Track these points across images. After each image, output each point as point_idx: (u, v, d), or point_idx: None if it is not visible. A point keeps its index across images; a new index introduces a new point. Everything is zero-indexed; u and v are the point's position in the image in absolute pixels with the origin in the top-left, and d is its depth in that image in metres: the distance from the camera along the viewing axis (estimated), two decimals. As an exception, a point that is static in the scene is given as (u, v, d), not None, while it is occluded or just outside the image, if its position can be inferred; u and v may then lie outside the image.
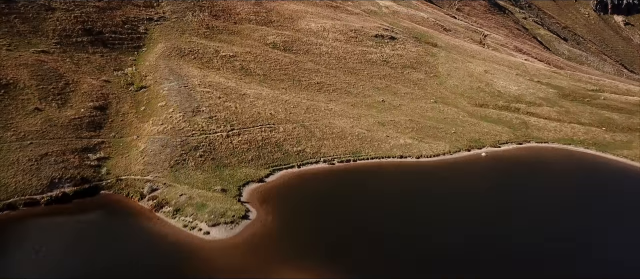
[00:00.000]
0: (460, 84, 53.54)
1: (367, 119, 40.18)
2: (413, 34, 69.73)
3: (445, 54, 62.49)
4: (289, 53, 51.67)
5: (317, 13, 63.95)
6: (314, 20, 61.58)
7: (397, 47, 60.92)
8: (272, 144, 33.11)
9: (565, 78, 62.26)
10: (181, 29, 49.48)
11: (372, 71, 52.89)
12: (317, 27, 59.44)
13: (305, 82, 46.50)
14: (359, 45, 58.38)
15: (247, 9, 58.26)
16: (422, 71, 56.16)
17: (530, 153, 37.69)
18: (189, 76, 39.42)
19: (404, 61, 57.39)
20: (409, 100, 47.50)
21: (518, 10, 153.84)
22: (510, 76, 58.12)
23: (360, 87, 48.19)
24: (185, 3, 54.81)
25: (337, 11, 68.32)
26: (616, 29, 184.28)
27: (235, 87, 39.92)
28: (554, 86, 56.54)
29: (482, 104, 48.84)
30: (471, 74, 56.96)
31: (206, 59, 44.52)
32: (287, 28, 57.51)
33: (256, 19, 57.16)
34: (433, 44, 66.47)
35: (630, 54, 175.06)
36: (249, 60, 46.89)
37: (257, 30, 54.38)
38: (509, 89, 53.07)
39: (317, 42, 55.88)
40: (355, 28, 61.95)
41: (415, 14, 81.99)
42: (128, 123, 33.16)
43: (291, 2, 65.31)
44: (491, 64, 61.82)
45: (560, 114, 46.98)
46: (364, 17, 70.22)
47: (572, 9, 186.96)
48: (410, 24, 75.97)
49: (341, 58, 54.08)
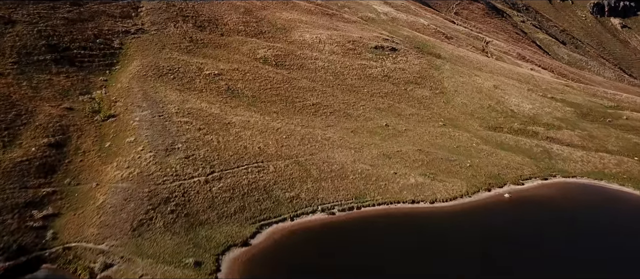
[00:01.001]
0: (470, 102, 48.04)
1: (371, 150, 34.54)
2: (414, 43, 64.18)
3: (451, 67, 56.99)
4: (281, 69, 46.00)
5: (312, 22, 58.29)
6: (309, 30, 55.91)
7: (399, 60, 55.37)
8: (260, 189, 27.36)
9: (579, 93, 56.94)
10: (161, 43, 43.65)
11: (373, 88, 47.31)
12: (312, 38, 53.77)
13: (300, 104, 40.84)
14: (358, 58, 52.78)
15: (236, 18, 52.48)
16: (427, 86, 50.64)
17: (560, 193, 32.09)
18: (166, 102, 33.64)
19: (406, 76, 51.84)
20: (415, 123, 41.93)
21: (516, 14, 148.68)
22: (522, 91, 52.72)
23: (360, 108, 42.58)
24: (167, 13, 48.96)
25: (333, 20, 62.68)
26: (613, 32, 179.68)
27: (219, 114, 34.15)
28: (569, 103, 51.19)
29: (495, 126, 43.34)
30: (480, 89, 51.50)
31: (187, 79, 38.72)
32: (279, 40, 51.81)
33: (245, 30, 51.42)
34: (436, 55, 60.97)
35: (628, 58, 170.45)
36: (237, 79, 41.15)
37: (247, 43, 48.64)
38: (522, 108, 47.62)
39: (313, 56, 50.25)
40: (353, 39, 56.34)
41: (415, 21, 76.49)
42: (88, 165, 27.31)
43: (284, 11, 59.60)
44: (500, 78, 56.41)
45: (584, 139, 41.53)
46: (361, 25, 64.64)
47: (568, 12, 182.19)
48: (411, 32, 70.41)
49: (339, 74, 48.45)
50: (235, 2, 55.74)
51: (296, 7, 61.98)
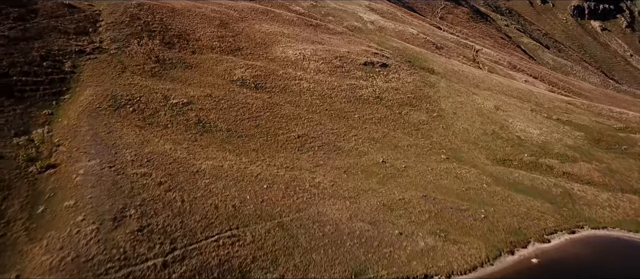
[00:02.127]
0: (471, 128, 42.40)
1: (369, 200, 28.54)
2: (405, 56, 58.40)
3: (446, 84, 51.33)
4: (261, 92, 39.75)
5: (295, 35, 52.05)
6: (292, 45, 49.68)
7: (391, 78, 49.52)
8: (234, 270, 21.04)
9: (583, 112, 51.78)
10: (121, 65, 37.01)
11: (365, 113, 41.38)
12: (295, 54, 47.55)
13: (283, 136, 34.67)
14: (347, 77, 46.77)
15: (210, 33, 45.96)
16: (423, 108, 44.87)
17: (594, 253, 26.52)
18: (121, 146, 27.17)
19: (400, 97, 46.00)
20: (415, 156, 36.06)
21: (500, 18, 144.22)
22: (525, 112, 47.33)
23: (352, 140, 36.59)
24: (131, 28, 42.22)
25: (317, 31, 56.53)
26: (594, 35, 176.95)
27: (185, 159, 27.80)
28: (577, 126, 45.96)
29: (504, 158, 37.73)
30: (481, 111, 45.93)
31: (150, 111, 32.23)
32: (259, 57, 45.50)
33: (221, 46, 44.96)
34: (429, 70, 55.28)
35: (609, 61, 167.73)
36: (209, 108, 34.79)
37: (222, 62, 42.23)
38: (530, 134, 42.16)
39: (296, 76, 44.09)
40: (340, 54, 50.28)
41: (404, 30, 70.78)
42: (11, 243, 20.68)
43: (263, 22, 53.22)
44: (499, 96, 50.97)
45: (604, 174, 36.18)
46: (348, 37, 58.61)
47: (550, 15, 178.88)
48: (400, 43, 64.66)
49: (326, 96, 42.39)
50: (210, 13, 49.15)
51: (277, 17, 55.62)
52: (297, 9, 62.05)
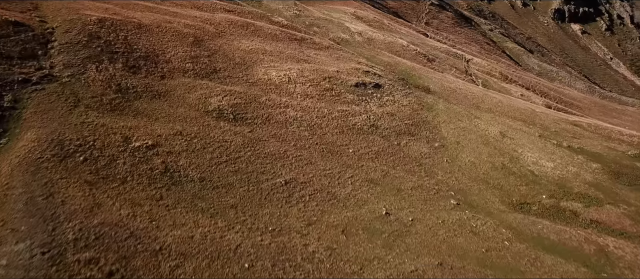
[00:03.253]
0: (478, 161, 37.12)
1: (375, 273, 22.94)
2: (398, 73, 52.92)
3: (444, 106, 46.02)
4: (241, 125, 33.83)
5: (278, 52, 46.13)
6: (275, 64, 43.76)
7: (385, 100, 43.98)
8: None
9: (592, 135, 46.99)
10: (75, 98, 30.72)
11: (360, 146, 35.78)
12: (279, 76, 41.68)
13: (267, 184, 28.84)
14: (337, 101, 41.09)
15: (182, 53, 39.79)
16: (423, 137, 39.47)
17: None
18: (62, 217, 21.07)
19: (397, 124, 40.52)
20: (422, 203, 30.54)
21: (483, 22, 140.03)
22: (533, 139, 42.26)
23: (348, 183, 30.93)
24: (89, 49, 35.76)
25: (302, 46, 50.66)
26: (574, 38, 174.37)
27: (146, 230, 21.80)
28: (590, 155, 41.10)
29: (521, 201, 32.47)
30: (486, 139, 40.72)
31: (105, 159, 26.11)
32: (238, 80, 39.51)
33: (194, 68, 38.84)
34: (425, 89, 49.91)
35: (590, 64, 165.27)
36: (179, 151, 28.77)
37: (196, 88, 36.16)
38: (544, 168, 37.06)
39: (281, 102, 38.24)
40: (329, 74, 44.55)
41: (394, 42, 65.38)
42: None
43: (243, 38, 47.14)
44: (503, 120, 45.85)
45: (636, 221, 31.19)
46: (336, 52, 52.89)
47: (531, 18, 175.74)
48: (391, 57, 59.18)
49: (316, 127, 36.67)
50: (182, 29, 42.86)
51: (258, 31, 49.54)
52: (279, 20, 56.06)
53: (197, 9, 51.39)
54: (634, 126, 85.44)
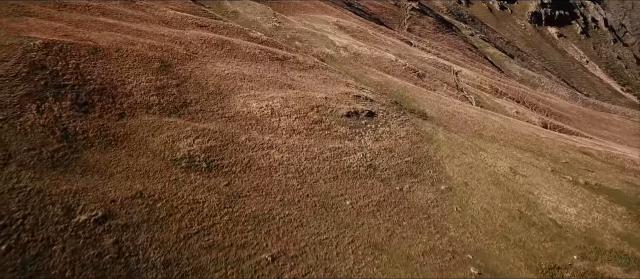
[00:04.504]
0: (492, 208, 31.75)
1: None
2: (390, 95, 47.30)
3: (445, 136, 40.57)
4: (216, 176, 27.65)
5: (258, 76, 39.92)
6: (255, 92, 37.57)
7: (381, 132, 38.27)
8: None
9: (604, 165, 42.23)
10: (4, 152, 23.79)
11: (358, 196, 29.98)
12: (261, 108, 35.54)
13: (249, 263, 22.56)
14: (328, 136, 35.19)
15: (146, 83, 33.29)
16: (427, 178, 33.88)
17: None
18: None
19: (396, 163, 34.85)
20: (437, 274, 24.96)
21: (464, 26, 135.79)
22: (546, 175, 37.14)
23: (349, 253, 25.09)
24: (29, 84, 28.42)
25: (285, 67, 44.53)
26: (551, 41, 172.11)
27: None
28: (611, 194, 36.17)
29: (550, 266, 27.04)
30: (496, 178, 35.40)
31: (38, 247, 19.51)
32: (212, 115, 33.22)
33: (160, 102, 32.38)
34: (421, 114, 44.39)
35: (567, 67, 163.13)
36: (138, 223, 22.47)
37: (161, 129, 29.76)
38: (566, 216, 31.86)
39: (264, 142, 32.14)
40: (317, 102, 38.59)
41: (381, 57, 59.71)
42: None
43: (218, 60, 40.71)
44: (510, 151, 40.65)
45: (686, 289, 26.26)
46: (322, 72, 46.91)
47: (509, 21, 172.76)
48: (380, 75, 53.52)
49: (306, 174, 30.72)
50: (147, 51, 36.24)
51: (235, 50, 43.17)
52: (258, 35, 49.77)
53: (165, 24, 44.79)
54: (627, 137, 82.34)
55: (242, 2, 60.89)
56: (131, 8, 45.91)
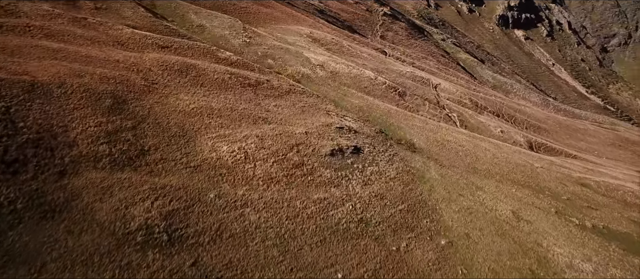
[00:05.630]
0: (500, 269, 27.41)
1: None
2: (373, 121, 42.61)
3: (438, 172, 36.13)
4: (179, 252, 22.24)
5: (229, 109, 34.45)
6: (226, 131, 32.15)
7: (369, 173, 33.49)
8: None
9: (605, 200, 38.68)
10: None
11: (350, 264, 25.08)
12: (232, 152, 30.20)
13: None
14: (312, 184, 30.17)
15: (94, 127, 27.29)
16: (425, 231, 29.33)
17: None
18: None
19: (390, 213, 30.16)
20: None
21: (435, 31, 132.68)
22: (552, 220, 33.17)
23: None
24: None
25: (258, 95, 39.17)
26: (519, 44, 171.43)
27: None
28: (620, 238, 32.48)
29: None
30: (500, 226, 31.13)
31: None
32: (175, 166, 27.67)
33: (111, 152, 26.56)
34: (409, 144, 39.87)
35: (534, 70, 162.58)
36: (76, 339, 17.07)
37: (111, 190, 24.08)
38: (583, 274, 27.87)
39: (238, 198, 26.86)
40: (296, 139, 33.49)
41: (359, 75, 54.96)
42: None
43: (182, 91, 34.73)
44: (507, 189, 36.55)
45: None
46: (299, 97, 41.78)
47: (477, 24, 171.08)
48: (361, 97, 48.73)
49: (288, 239, 25.62)
50: (97, 84, 30.30)
51: (201, 77, 37.55)
52: (227, 55, 44.25)
53: (120, 46, 38.80)
54: (603, 148, 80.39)
55: (208, 14, 55.08)
56: (81, 27, 39.70)
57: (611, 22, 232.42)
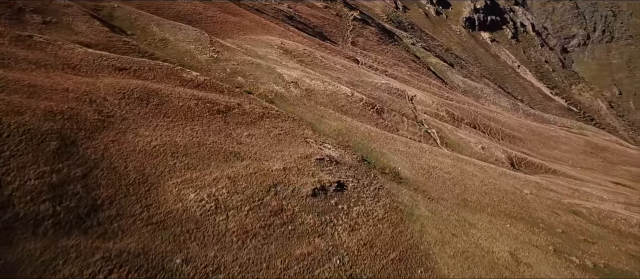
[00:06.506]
0: (507, 327, 24.45)
1: None
2: (355, 147, 39.12)
3: (427, 208, 32.92)
4: None
5: (196, 145, 30.17)
6: (193, 174, 27.77)
7: (356, 215, 29.91)
8: None
9: (600, 231, 36.39)
10: None
11: (341, 338, 21.51)
12: (201, 201, 25.94)
13: None
14: (293, 235, 26.35)
15: (35, 180, 22.28)
16: (420, 285, 26.08)
17: None
18: None
19: (381, 265, 26.46)
20: None
21: (405, 35, 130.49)
22: (552, 261, 30.37)
23: None
24: None
25: (229, 123, 35.00)
26: (485, 46, 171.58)
27: None
28: (619, 276, 30.16)
29: None
30: (499, 274, 27.90)
31: None
32: (133, 224, 23.23)
33: (55, 211, 21.75)
34: (394, 175, 36.54)
35: (501, 72, 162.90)
36: None
37: (53, 267, 19.57)
38: (595, 331, 25.19)
39: (208, 263, 22.61)
40: (273, 178, 29.50)
41: (336, 92, 51.32)
42: None
43: (142, 125, 29.98)
44: (502, 224, 33.69)
45: None
46: (274, 123, 37.79)
47: (445, 26, 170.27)
48: (339, 118, 45.15)
49: (268, 311, 21.82)
50: (39, 122, 25.63)
51: (164, 105, 33.10)
52: (193, 76, 39.94)
53: (71, 70, 34.05)
54: (576, 156, 79.68)
55: (172, 26, 50.44)
56: (26, 48, 34.70)
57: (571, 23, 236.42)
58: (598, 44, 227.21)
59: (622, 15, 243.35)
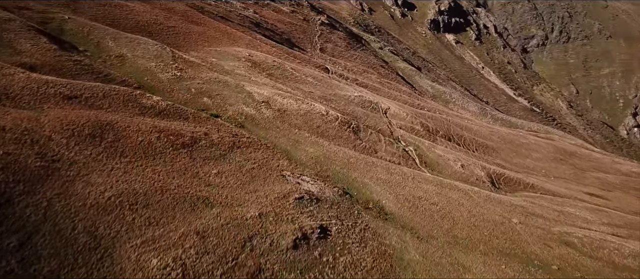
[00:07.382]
0: None
1: None
2: (334, 178, 35.68)
3: (417, 251, 29.86)
4: None
5: (158, 193, 25.94)
6: (155, 233, 23.44)
7: (342, 268, 26.37)
8: None
9: (595, 265, 34.32)
10: None
11: None
12: (165, 268, 21.56)
13: None
14: (273, 303, 22.77)
15: (-44, 260, 18.24)
16: None
17: None
18: None
19: (375, 330, 23.41)
20: None
21: (373, 39, 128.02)
22: (554, 306, 28.04)
23: None
24: None
25: (195, 159, 30.91)
26: (450, 48, 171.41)
27: None
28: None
29: None
30: (502, 329, 25.42)
31: None
32: (83, 307, 19.12)
33: (-18, 301, 17.81)
34: (378, 209, 33.32)
35: (466, 74, 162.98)
36: None
37: None
38: None
39: None
40: (249, 229, 25.66)
41: (310, 111, 47.65)
42: None
43: (94, 170, 25.36)
44: (498, 265, 30.87)
45: None
46: (246, 154, 33.91)
47: (410, 29, 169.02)
48: (315, 143, 41.61)
49: None
50: (-34, 179, 21.03)
51: (121, 142, 28.68)
52: (154, 102, 35.58)
53: (10, 102, 29.27)
54: (548, 165, 78.92)
55: (130, 40, 45.71)
56: (-46, 76, 29.65)
57: (530, 24, 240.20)
58: (556, 44, 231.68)
59: (578, 16, 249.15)
